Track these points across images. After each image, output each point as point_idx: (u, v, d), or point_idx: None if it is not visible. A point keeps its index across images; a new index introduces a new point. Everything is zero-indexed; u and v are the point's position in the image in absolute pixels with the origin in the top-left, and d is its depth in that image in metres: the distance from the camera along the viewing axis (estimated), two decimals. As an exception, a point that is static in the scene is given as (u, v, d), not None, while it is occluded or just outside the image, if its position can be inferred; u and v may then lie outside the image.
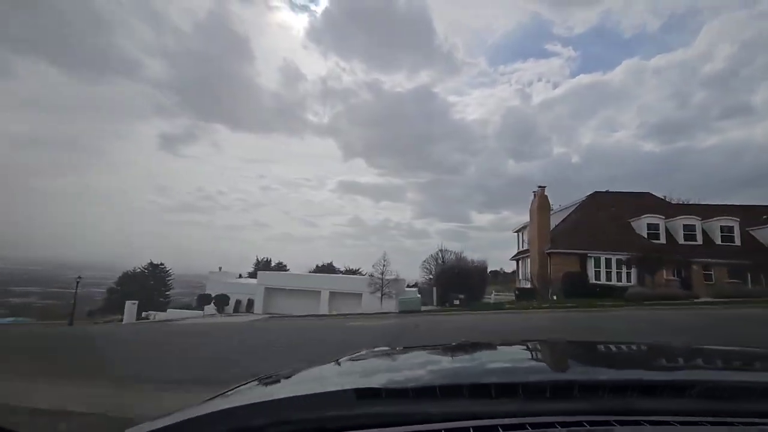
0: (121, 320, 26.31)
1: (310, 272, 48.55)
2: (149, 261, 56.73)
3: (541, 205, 25.64)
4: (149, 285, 53.04)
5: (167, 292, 54.95)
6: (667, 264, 21.16)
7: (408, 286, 33.02)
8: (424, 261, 31.71)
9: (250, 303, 31.72)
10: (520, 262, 31.42)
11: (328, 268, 55.84)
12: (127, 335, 15.22)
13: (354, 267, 55.08)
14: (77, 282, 28.72)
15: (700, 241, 25.29)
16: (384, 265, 27.75)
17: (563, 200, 31.99)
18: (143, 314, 31.29)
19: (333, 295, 31.38)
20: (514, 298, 25.80)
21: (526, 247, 29.29)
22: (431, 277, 30.94)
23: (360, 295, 29.75)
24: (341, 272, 53.05)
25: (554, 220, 27.02)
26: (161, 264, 56.94)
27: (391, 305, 25.09)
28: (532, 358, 1.48)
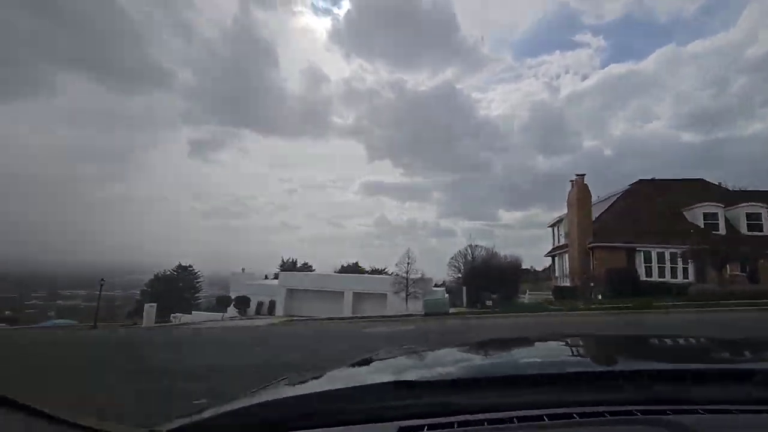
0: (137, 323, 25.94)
1: (335, 272, 47.50)
2: (178, 263, 57.42)
3: (581, 195, 23.30)
4: (178, 287, 53.60)
5: (197, 294, 55.41)
6: (734, 257, 18.50)
7: (435, 286, 31.25)
8: (452, 258, 29.85)
9: (272, 305, 30.87)
10: (556, 258, 29.11)
11: (353, 268, 54.68)
12: (114, 342, 14.44)
13: (380, 267, 53.72)
14: (101, 285, 28.70)
15: (767, 231, 22.30)
16: (408, 263, 26.10)
17: (597, 194, 29.34)
18: (171, 316, 31.24)
19: (357, 295, 30.04)
20: (550, 297, 23.65)
21: (563, 242, 27.02)
22: (460, 275, 29.07)
23: (385, 295, 28.28)
24: (367, 272, 51.76)
25: (594, 212, 24.62)
26: (190, 266, 57.51)
27: (417, 306, 23.46)
28: (575, 351, 1.40)
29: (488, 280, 23.55)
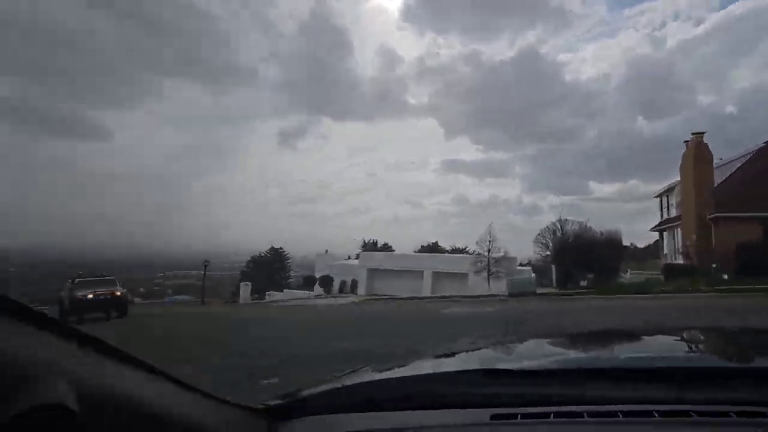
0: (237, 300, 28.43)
1: (415, 252, 47.51)
2: (270, 246, 62.13)
3: (700, 156, 19.65)
4: (271, 267, 58.08)
5: (286, 274, 59.65)
6: None
7: (520, 265, 29.36)
8: (539, 234, 27.61)
9: (354, 284, 31.77)
10: (665, 233, 25.46)
11: (432, 248, 54.08)
12: (216, 314, 15.89)
13: (460, 246, 52.35)
14: (205, 266, 31.87)
15: None
16: (490, 241, 24.72)
17: (718, 157, 24.40)
18: (266, 294, 34.25)
19: (436, 275, 29.55)
20: (658, 277, 20.65)
21: (675, 213, 23.42)
22: (548, 253, 26.83)
23: (466, 275, 27.33)
24: (447, 251, 50.88)
25: (716, 178, 20.68)
26: (280, 248, 61.95)
27: (500, 286, 22.17)
28: (693, 346, 1.25)
29: (582, 257, 21.19)
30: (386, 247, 57.49)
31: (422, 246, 56.43)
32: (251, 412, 0.73)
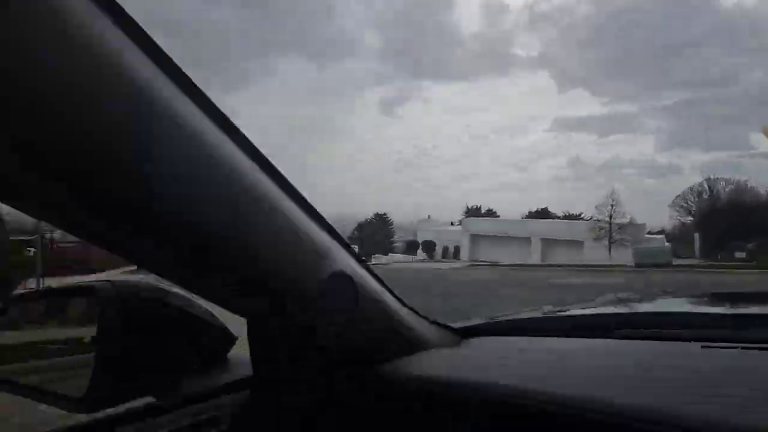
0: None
1: (522, 218, 45.07)
2: (375, 212, 64.83)
3: None
4: (376, 233, 60.77)
5: (390, 239, 61.89)
6: None
7: (649, 233, 25.53)
8: (678, 197, 23.54)
9: (457, 250, 31.41)
10: None
11: (542, 214, 50.43)
12: None
13: (574, 212, 47.81)
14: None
15: None
16: (612, 206, 21.85)
17: None
18: (372, 257, 36.10)
19: (546, 242, 27.51)
20: None
21: None
22: (690, 218, 22.74)
23: (581, 243, 24.87)
24: (558, 218, 47.06)
25: None
26: (385, 214, 64.30)
27: (625, 256, 19.58)
28: None
29: (740, 223, 17.31)
30: (490, 213, 55.43)
31: (530, 212, 53.04)
32: (447, 329, 0.87)
